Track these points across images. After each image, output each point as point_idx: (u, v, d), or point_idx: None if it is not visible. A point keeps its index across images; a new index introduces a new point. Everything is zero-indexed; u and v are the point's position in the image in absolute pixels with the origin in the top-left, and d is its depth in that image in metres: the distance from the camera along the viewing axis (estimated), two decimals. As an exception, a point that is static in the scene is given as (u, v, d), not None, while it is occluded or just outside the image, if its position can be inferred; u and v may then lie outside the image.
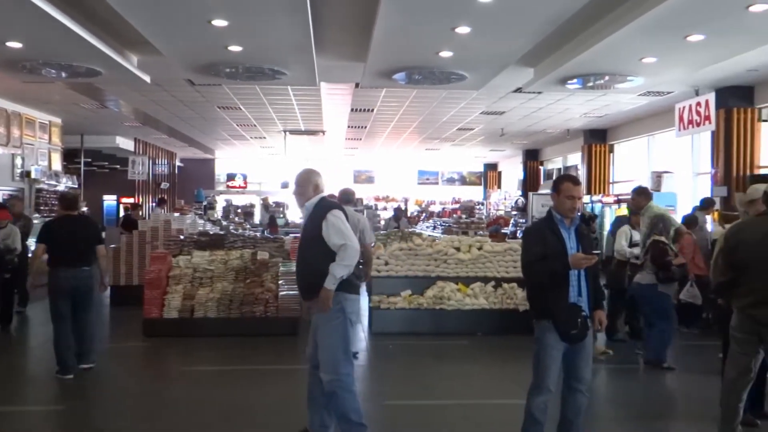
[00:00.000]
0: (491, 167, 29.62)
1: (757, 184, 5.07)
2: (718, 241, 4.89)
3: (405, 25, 7.45)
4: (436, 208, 25.66)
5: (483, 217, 19.97)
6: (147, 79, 10.31)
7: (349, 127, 17.98)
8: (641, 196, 7.84)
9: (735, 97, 11.88)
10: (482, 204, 25.25)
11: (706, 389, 5.96)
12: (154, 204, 21.07)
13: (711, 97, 10.96)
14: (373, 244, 7.91)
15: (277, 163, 25.76)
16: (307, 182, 4.50)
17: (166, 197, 21.41)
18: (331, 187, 7.02)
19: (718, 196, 11.77)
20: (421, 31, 7.67)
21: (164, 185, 22.87)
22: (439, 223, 17.01)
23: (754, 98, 11.93)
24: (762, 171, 11.80)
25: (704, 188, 13.32)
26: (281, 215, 21.31)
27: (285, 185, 24.05)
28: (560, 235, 4.15)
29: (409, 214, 20.60)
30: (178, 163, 25.38)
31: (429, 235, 10.54)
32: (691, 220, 9.18)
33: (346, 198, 7.20)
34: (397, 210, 15.75)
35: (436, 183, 29.32)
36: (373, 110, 15.20)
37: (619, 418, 5.53)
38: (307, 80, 10.41)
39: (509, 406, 5.35)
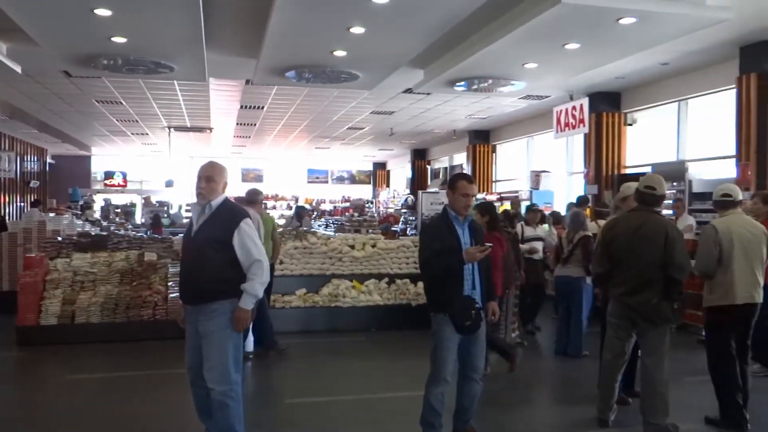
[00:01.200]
0: (380, 166, 30.08)
1: (629, 182, 5.53)
2: (598, 235, 5.28)
3: (300, 23, 7.44)
4: (326, 207, 25.70)
5: (374, 215, 20.25)
6: (18, 69, 9.62)
7: (237, 124, 17.63)
8: None
9: (605, 103, 12.87)
10: (371, 202, 25.58)
11: (587, 372, 6.40)
12: (22, 204, 19.61)
13: (585, 102, 11.77)
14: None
15: (160, 161, 24.78)
16: (221, 177, 4.09)
17: (39, 198, 19.95)
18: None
19: (591, 194, 12.67)
20: (317, 29, 7.70)
21: (34, 183, 21.32)
22: (331, 221, 17.08)
23: (621, 104, 12.97)
24: (628, 171, 12.83)
25: (578, 186, 14.28)
26: (165, 215, 20.51)
27: (170, 183, 23.16)
28: (455, 231, 4.32)
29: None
30: (49, 159, 23.74)
31: (323, 234, 10.56)
32: (559, 216, 9.81)
33: (253, 198, 7.13)
34: (300, 208, 15.60)
35: (326, 182, 29.36)
36: (263, 108, 15.00)
37: (507, 403, 5.82)
38: (196, 75, 10.12)
39: (406, 398, 5.49)
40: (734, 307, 4.93)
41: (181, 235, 11.42)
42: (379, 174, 30.12)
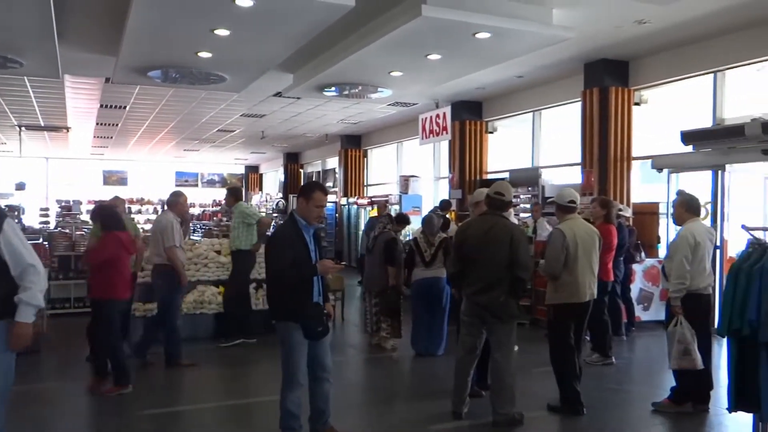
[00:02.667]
0: (253, 169, 29.64)
1: (481, 188, 5.88)
2: (453, 238, 5.57)
3: (161, 23, 7.21)
4: (195, 211, 24.90)
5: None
6: None
7: (98, 124, 16.70)
8: (231, 196, 8.61)
9: (467, 111, 13.53)
10: (244, 206, 25.12)
11: (443, 369, 6.70)
12: None
13: (448, 110, 12.30)
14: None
15: (11, 162, 22.94)
16: None
17: None
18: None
19: (455, 198, 13.26)
20: (179, 29, 7.49)
21: None
22: (199, 226, 16.61)
23: (482, 112, 13.68)
24: (489, 176, 13.56)
25: (444, 191, 14.89)
26: (16, 220, 18.99)
27: (21, 186, 21.49)
28: (305, 239, 4.35)
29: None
30: None
31: (189, 239, 10.26)
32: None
33: (170, 200, 7.24)
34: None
35: (196, 185, 28.46)
36: (125, 107, 14.33)
37: (367, 402, 5.99)
38: (48, 72, 9.49)
39: (269, 403, 5.48)
40: (577, 305, 5.39)
41: (33, 241, 10.65)
42: (251, 177, 29.66)
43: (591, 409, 5.35)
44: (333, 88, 10.78)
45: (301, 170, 24.89)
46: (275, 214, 19.61)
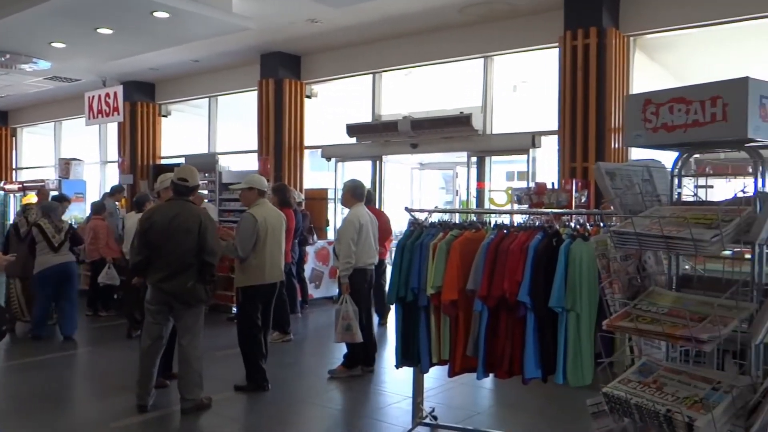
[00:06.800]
0: None
1: (168, 173, 5.73)
2: (136, 225, 5.31)
3: None
4: None
5: None
6: None
7: None
8: None
9: (139, 92, 12.90)
10: None
11: (124, 362, 6.37)
12: None
13: (119, 90, 11.57)
14: None
15: None
16: None
17: None
18: None
19: (126, 184, 12.54)
20: None
21: None
22: None
23: (155, 95, 13.16)
24: (163, 161, 13.13)
25: (113, 176, 13.95)
26: None
27: None
28: None
29: None
30: None
31: None
32: (100, 207, 9.46)
33: None
34: None
35: None
36: None
37: (39, 408, 5.36)
38: None
39: None
40: (264, 286, 5.61)
41: None
42: None
43: (274, 384, 5.65)
44: (-24, 55, 9.28)
45: None
46: None
